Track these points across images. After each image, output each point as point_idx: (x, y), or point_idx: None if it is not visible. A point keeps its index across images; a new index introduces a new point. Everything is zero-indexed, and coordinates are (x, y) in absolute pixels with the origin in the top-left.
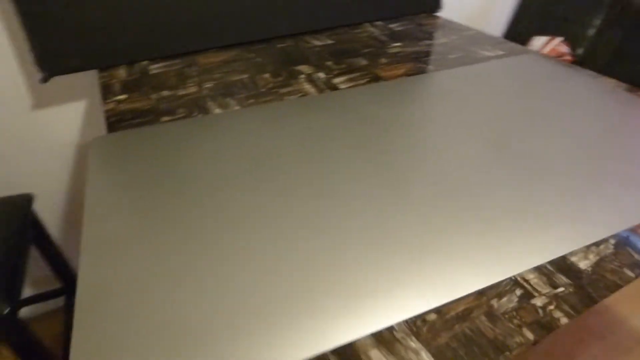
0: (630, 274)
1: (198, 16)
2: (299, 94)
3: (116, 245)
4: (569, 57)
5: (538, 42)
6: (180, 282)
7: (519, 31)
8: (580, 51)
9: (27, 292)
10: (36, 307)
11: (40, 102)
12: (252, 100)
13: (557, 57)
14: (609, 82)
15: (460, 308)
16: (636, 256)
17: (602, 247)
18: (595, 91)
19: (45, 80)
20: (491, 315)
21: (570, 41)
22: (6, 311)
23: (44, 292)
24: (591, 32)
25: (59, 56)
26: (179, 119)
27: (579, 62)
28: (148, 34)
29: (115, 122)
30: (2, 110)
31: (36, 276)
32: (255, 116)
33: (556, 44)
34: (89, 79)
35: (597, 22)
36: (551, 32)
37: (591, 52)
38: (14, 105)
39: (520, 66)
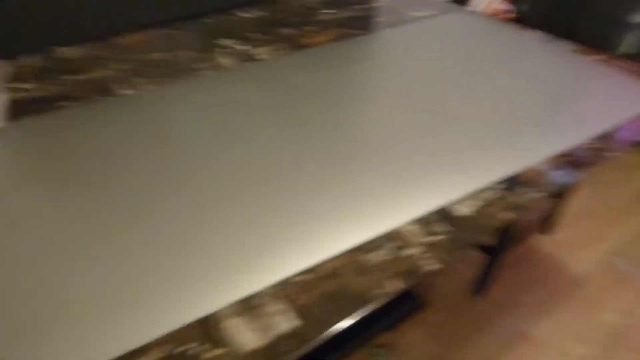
0: (511, 215)
1: None
2: (217, 68)
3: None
4: (509, 14)
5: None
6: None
7: None
8: (524, 7)
9: None
10: None
11: None
12: (166, 78)
13: (496, 15)
14: (535, 37)
15: (330, 266)
16: (510, 198)
17: (489, 192)
18: (517, 46)
19: None
20: (361, 269)
21: None
22: None
23: None
24: None
25: None
26: (83, 103)
27: (521, 19)
28: (62, 19)
29: (18, 112)
30: None
31: None
32: (164, 95)
33: (496, 1)
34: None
35: None
36: None
37: (533, 8)
38: None
39: (445, 26)
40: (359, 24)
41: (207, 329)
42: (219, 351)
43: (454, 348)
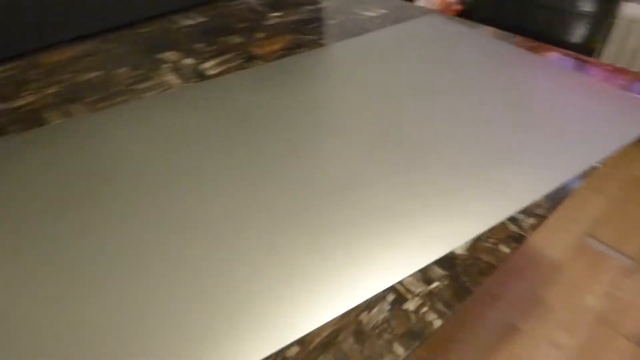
0: (505, 249)
1: (37, 5)
2: (161, 88)
3: None
4: (457, 6)
5: None
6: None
7: None
8: None
9: None
10: None
11: None
12: (102, 103)
13: (446, 7)
14: (502, 40)
15: (325, 333)
16: (512, 227)
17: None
18: (491, 53)
19: None
20: (360, 333)
21: None
22: None
23: None
24: None
25: None
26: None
27: (467, 10)
28: None
29: None
30: None
31: None
32: (102, 121)
33: None
34: None
35: None
36: None
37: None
38: None
39: (407, 31)
40: (311, 28)
41: None
42: None
43: (445, 347)
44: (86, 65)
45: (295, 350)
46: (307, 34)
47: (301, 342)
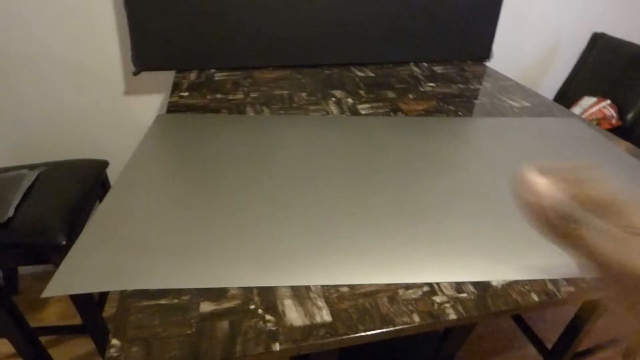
0: (535, 298)
1: (261, 38)
2: (323, 113)
3: (141, 188)
4: (614, 121)
5: (587, 102)
6: (177, 222)
7: (573, 90)
8: (629, 117)
9: None
10: None
11: (130, 90)
12: (282, 112)
13: (601, 120)
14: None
15: (371, 289)
16: (549, 286)
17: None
18: (611, 162)
19: (136, 73)
20: (393, 299)
21: (620, 106)
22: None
23: None
24: None
25: (149, 56)
26: (226, 114)
27: (626, 127)
28: (218, 48)
29: (173, 112)
30: (102, 92)
31: None
32: (278, 123)
33: (603, 106)
34: (171, 77)
35: None
36: (603, 94)
37: (638, 119)
38: (111, 89)
39: (540, 127)
40: (455, 101)
41: (268, 298)
42: (269, 317)
43: None
44: (280, 85)
45: (345, 289)
46: (449, 104)
47: (352, 287)
